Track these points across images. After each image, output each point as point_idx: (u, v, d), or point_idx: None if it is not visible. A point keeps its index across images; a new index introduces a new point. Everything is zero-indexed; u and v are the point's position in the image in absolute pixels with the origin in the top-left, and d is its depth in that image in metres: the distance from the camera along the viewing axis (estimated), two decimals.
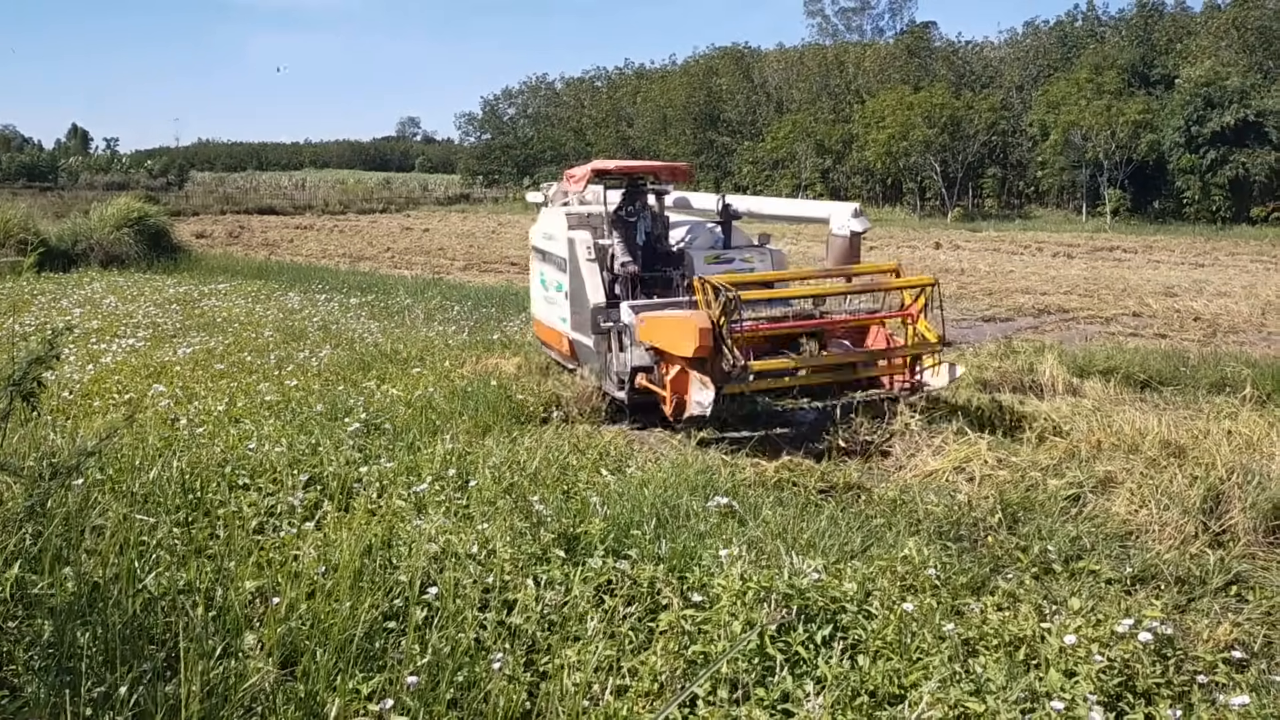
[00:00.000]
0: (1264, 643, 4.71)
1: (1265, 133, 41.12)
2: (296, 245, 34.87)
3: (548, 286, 11.12)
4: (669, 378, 8.73)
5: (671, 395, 8.71)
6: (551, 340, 11.17)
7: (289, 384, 9.75)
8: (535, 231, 11.54)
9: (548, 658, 4.24)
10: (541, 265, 11.25)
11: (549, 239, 10.98)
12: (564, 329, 10.60)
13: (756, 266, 10.69)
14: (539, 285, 11.45)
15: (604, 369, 9.97)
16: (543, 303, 11.35)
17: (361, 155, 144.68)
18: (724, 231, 11.07)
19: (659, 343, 8.83)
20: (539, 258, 11.34)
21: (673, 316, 8.80)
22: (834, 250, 10.98)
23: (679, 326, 8.44)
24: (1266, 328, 15.46)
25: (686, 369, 8.52)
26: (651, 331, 8.91)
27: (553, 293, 10.90)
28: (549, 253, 10.97)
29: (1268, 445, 7.19)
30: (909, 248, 32.07)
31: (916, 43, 63.60)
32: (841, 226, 10.85)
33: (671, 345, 8.56)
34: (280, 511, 5.79)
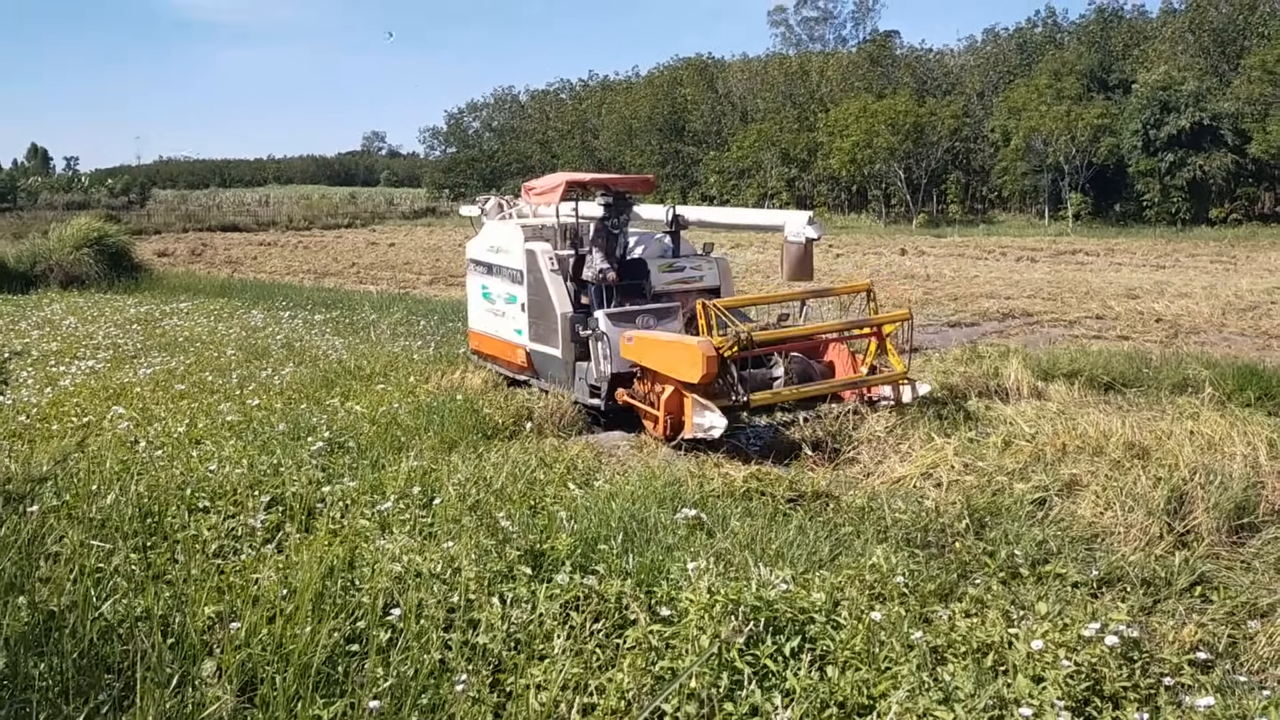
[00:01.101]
0: (1228, 643, 4.74)
1: (1221, 135, 41.77)
2: (260, 262, 34.60)
3: (494, 299, 11.25)
4: (663, 398, 8.76)
5: (664, 415, 8.74)
6: (499, 353, 11.28)
7: (251, 403, 9.63)
8: (476, 244, 11.67)
9: (514, 677, 4.18)
10: (485, 278, 11.39)
11: (497, 251, 11.09)
12: (519, 341, 10.71)
13: (705, 274, 10.95)
14: (481, 299, 11.58)
15: (571, 377, 9.99)
16: (487, 315, 11.45)
17: (326, 170, 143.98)
18: (673, 241, 11.25)
19: (651, 363, 8.87)
20: (481, 270, 11.48)
21: (671, 339, 8.82)
22: (789, 257, 11.07)
23: (682, 351, 8.46)
24: (1227, 328, 15.65)
25: (683, 392, 8.54)
26: (643, 351, 8.95)
27: (502, 305, 11.04)
28: (497, 265, 11.08)
29: (1229, 445, 7.24)
30: (875, 254, 32.26)
31: (879, 51, 64.18)
32: (796, 234, 10.93)
33: (670, 368, 8.60)
34: (241, 534, 5.70)
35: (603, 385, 9.58)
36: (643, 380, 9.26)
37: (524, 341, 10.66)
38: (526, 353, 10.65)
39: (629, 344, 9.11)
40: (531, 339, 10.51)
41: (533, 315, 10.44)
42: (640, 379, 9.28)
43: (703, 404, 8.37)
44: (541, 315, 10.29)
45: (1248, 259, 27.99)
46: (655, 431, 9.03)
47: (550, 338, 10.19)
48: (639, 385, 9.31)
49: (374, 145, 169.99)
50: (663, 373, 8.78)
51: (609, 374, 9.44)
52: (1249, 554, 6.04)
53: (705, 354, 8.22)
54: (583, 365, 9.93)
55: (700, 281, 10.92)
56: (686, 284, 10.82)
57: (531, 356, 10.61)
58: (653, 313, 9.77)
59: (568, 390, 10.04)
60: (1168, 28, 51.18)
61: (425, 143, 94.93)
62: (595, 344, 9.60)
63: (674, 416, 8.73)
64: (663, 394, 8.82)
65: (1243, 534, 6.28)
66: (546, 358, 10.35)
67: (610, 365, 9.41)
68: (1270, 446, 7.17)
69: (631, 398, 9.33)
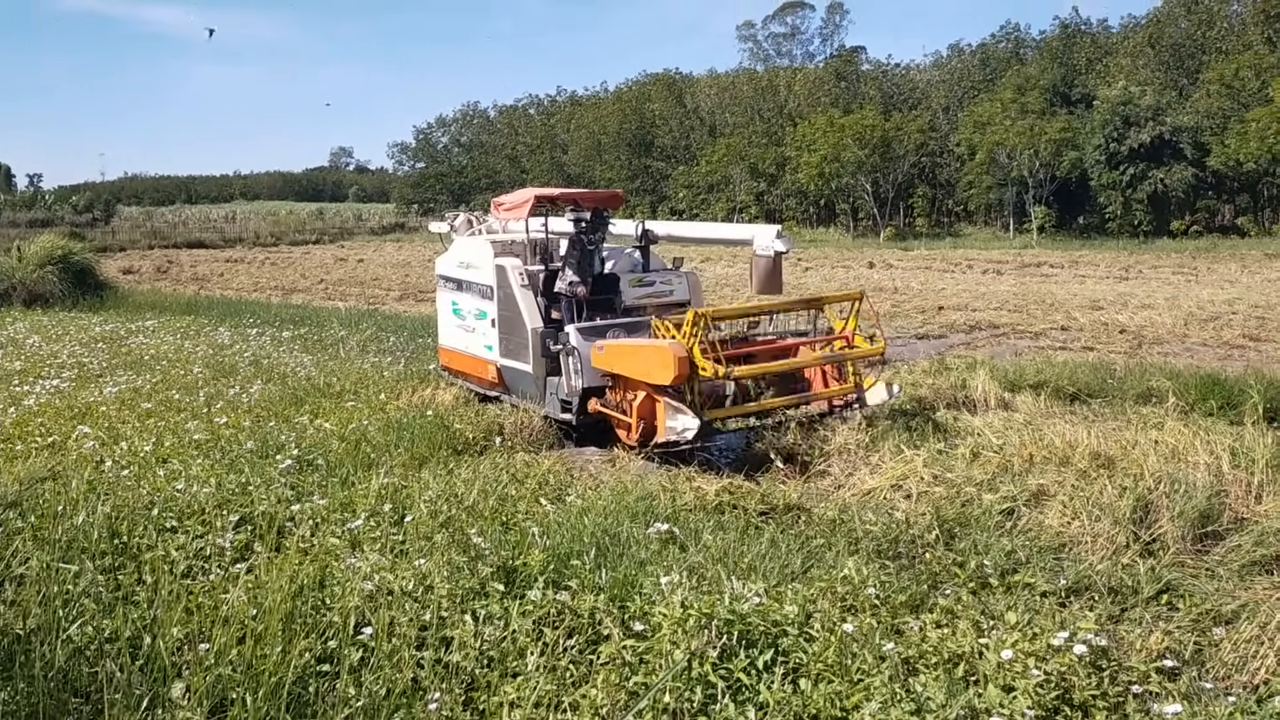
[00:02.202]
0: (1194, 650, 4.80)
1: (1180, 148, 42.45)
2: (227, 279, 34.34)
3: (464, 315, 11.20)
4: (635, 404, 8.80)
5: (637, 421, 8.78)
6: (470, 369, 11.22)
7: (219, 421, 9.54)
8: (446, 260, 11.64)
9: (487, 695, 4.17)
10: (455, 294, 11.36)
11: (467, 267, 11.06)
12: (490, 356, 10.67)
13: (675, 289, 10.99)
14: (451, 315, 11.55)
15: (542, 393, 9.98)
16: (458, 331, 11.40)
17: (294, 186, 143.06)
18: (643, 256, 11.29)
19: (623, 369, 8.91)
20: (451, 287, 11.45)
21: (641, 344, 8.86)
22: (758, 270, 11.11)
23: (653, 354, 8.50)
24: (1189, 338, 15.88)
25: (655, 396, 8.59)
26: (614, 359, 8.96)
27: (472, 321, 11.01)
28: (467, 281, 11.07)
29: (1192, 455, 7.34)
30: (843, 268, 32.48)
31: (846, 67, 64.80)
32: (765, 247, 10.97)
33: (641, 372, 8.65)
34: (209, 554, 5.64)
35: (574, 399, 9.56)
36: (615, 389, 9.27)
37: (494, 357, 10.64)
38: (497, 368, 10.63)
39: (600, 353, 9.10)
40: (502, 354, 10.50)
41: (503, 331, 10.43)
42: (612, 388, 9.29)
43: (675, 406, 8.40)
44: (512, 330, 10.29)
45: (1208, 270, 28.43)
46: (629, 439, 9.02)
47: (521, 353, 10.17)
48: (611, 394, 9.33)
49: (342, 161, 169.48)
50: (634, 378, 8.80)
51: (580, 388, 9.44)
52: (1213, 561, 6.12)
53: (676, 355, 8.26)
54: (554, 380, 9.89)
55: (670, 296, 10.95)
56: (657, 299, 10.83)
57: (502, 372, 10.59)
58: (623, 327, 9.75)
59: (539, 405, 10.02)
60: (1128, 42, 51.99)
61: (394, 158, 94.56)
62: (566, 358, 9.58)
63: (647, 422, 8.74)
64: (635, 400, 8.83)
65: (1207, 542, 6.37)
66: (517, 373, 10.33)
67: (581, 379, 9.41)
68: (1233, 455, 7.28)
69: (604, 407, 9.34)
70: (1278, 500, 6.74)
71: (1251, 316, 17.78)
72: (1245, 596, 5.44)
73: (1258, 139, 37.78)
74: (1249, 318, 17.65)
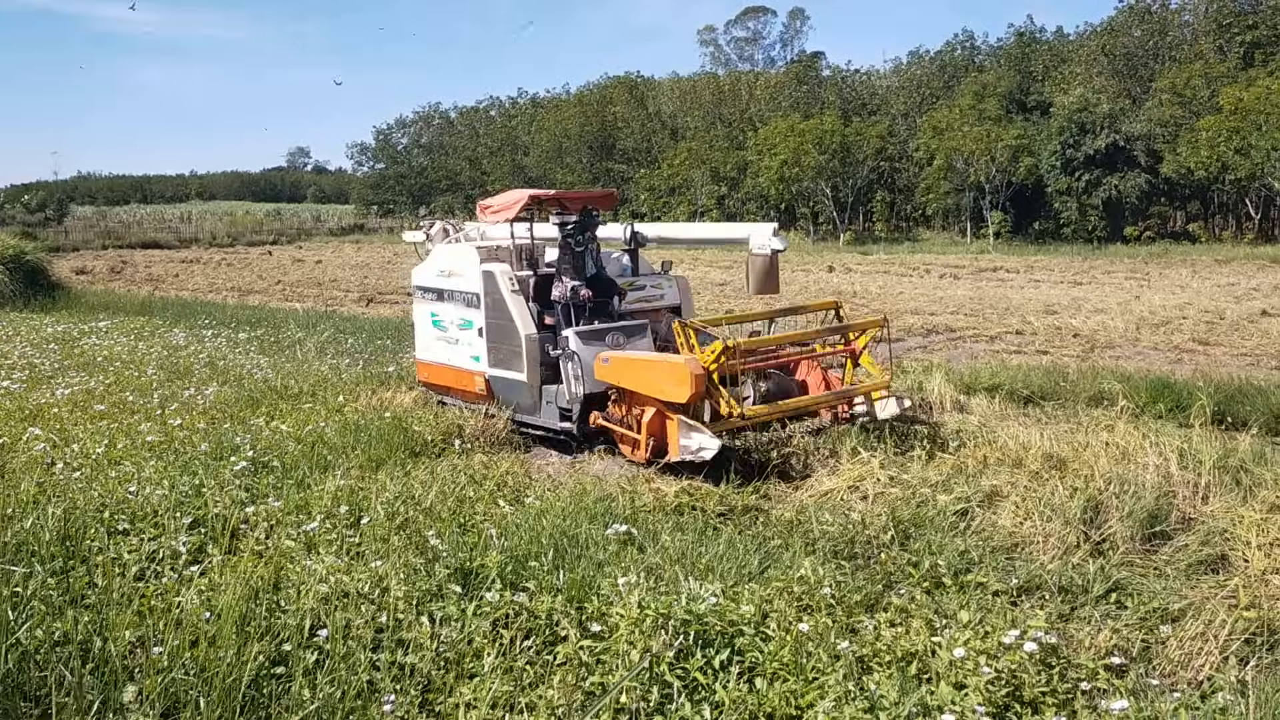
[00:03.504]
0: (1142, 647, 4.89)
1: (1134, 156, 43.14)
2: (182, 280, 33.94)
3: (446, 326, 10.79)
4: (644, 420, 8.44)
5: (647, 438, 8.41)
6: (454, 383, 10.79)
7: (173, 423, 9.43)
8: (424, 271, 11.20)
9: (443, 697, 4.16)
10: (435, 305, 10.94)
11: (449, 275, 10.64)
12: (477, 368, 10.26)
13: (665, 293, 10.74)
14: (430, 326, 11.08)
15: (538, 403, 9.65)
16: (439, 344, 10.95)
17: (251, 186, 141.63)
18: (632, 260, 10.99)
19: (631, 384, 8.54)
20: (430, 298, 11.02)
21: (654, 359, 8.53)
22: (755, 270, 10.66)
23: (667, 370, 8.17)
24: (1140, 342, 16.15)
25: (667, 413, 8.24)
26: (621, 372, 8.61)
27: (455, 331, 10.58)
28: (449, 290, 10.64)
29: (1142, 456, 7.47)
30: (803, 271, 32.67)
31: (806, 72, 65.17)
32: (761, 246, 10.50)
33: (653, 389, 8.29)
34: (162, 557, 5.57)
35: (575, 407, 9.15)
36: (619, 403, 8.87)
37: (482, 368, 10.20)
38: (486, 380, 10.20)
39: (604, 365, 8.73)
40: (491, 365, 10.08)
41: (492, 340, 10.03)
42: (616, 401, 8.90)
43: (690, 424, 8.04)
44: (502, 339, 9.89)
45: (1160, 275, 28.92)
46: (635, 456, 8.65)
47: (513, 362, 9.78)
48: (614, 408, 8.92)
49: (300, 161, 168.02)
50: (645, 394, 8.42)
51: (581, 395, 9.04)
52: (1161, 561, 6.24)
53: (694, 372, 7.93)
54: (550, 389, 9.56)
55: (661, 300, 10.70)
56: (648, 303, 10.55)
57: (492, 383, 10.17)
58: (622, 330, 9.44)
59: (534, 417, 9.70)
60: (1083, 50, 52.76)
61: (353, 159, 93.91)
62: (565, 364, 9.21)
63: (657, 439, 8.40)
64: (643, 416, 8.47)
65: (1155, 541, 6.49)
66: (509, 383, 9.92)
67: (583, 386, 9.02)
68: (1181, 457, 7.41)
69: (607, 421, 8.93)
70: (1224, 501, 6.87)
71: (1201, 321, 18.11)
72: (1191, 595, 5.56)
73: (1208, 147, 38.50)
74: (1199, 322, 17.97)
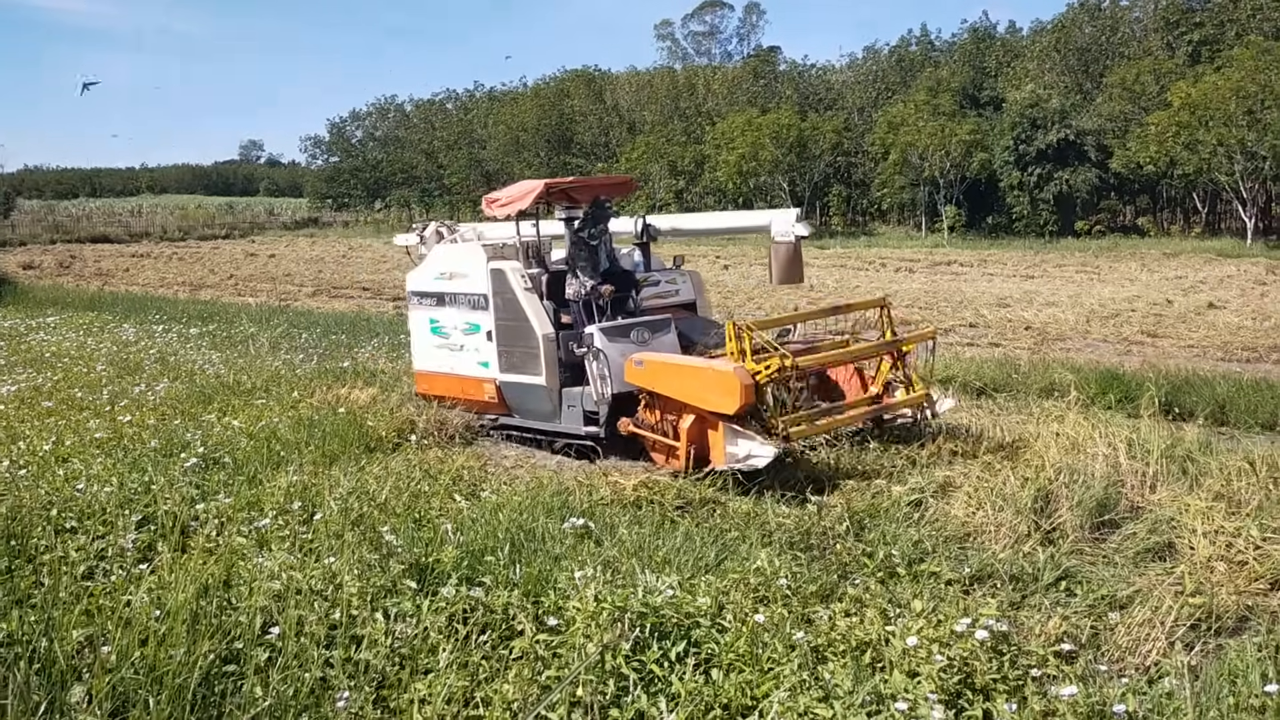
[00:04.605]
0: (1091, 634, 4.97)
1: (1085, 151, 43.72)
2: (132, 274, 33.45)
3: (448, 333, 10.09)
4: (682, 427, 7.97)
5: (687, 446, 7.94)
6: (459, 392, 10.09)
7: (122, 420, 9.28)
8: (420, 275, 10.47)
9: (397, 693, 4.13)
10: (434, 310, 10.23)
11: (451, 277, 9.98)
12: (487, 374, 9.66)
13: (680, 289, 10.37)
14: (429, 334, 10.34)
15: (558, 408, 9.13)
16: (441, 352, 10.23)
17: (203, 180, 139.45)
18: (644, 254, 10.56)
19: (670, 390, 8.04)
20: (429, 303, 10.30)
21: (697, 364, 8.01)
22: (778, 258, 10.26)
23: (713, 378, 7.67)
24: (1090, 334, 16.40)
25: (711, 421, 7.79)
26: (657, 377, 8.12)
27: (459, 336, 9.93)
28: (451, 294, 9.98)
29: (1091, 446, 7.58)
30: (760, 265, 32.78)
31: (763, 66, 65.40)
32: (784, 233, 10.14)
33: (697, 397, 7.80)
34: (110, 555, 5.51)
35: (603, 409, 8.62)
36: (651, 408, 8.35)
37: (492, 374, 9.57)
38: (497, 386, 9.58)
39: (638, 369, 8.20)
40: (503, 370, 9.46)
41: (504, 343, 9.40)
42: (648, 406, 8.37)
43: (738, 431, 7.59)
44: (516, 341, 9.28)
45: (1110, 269, 29.36)
46: (670, 464, 8.13)
47: (529, 365, 9.17)
48: (646, 413, 8.40)
49: (252, 154, 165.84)
50: (688, 402, 7.91)
51: (610, 395, 8.50)
52: (1110, 549, 6.34)
53: (744, 382, 7.43)
54: (572, 391, 9.03)
55: (676, 296, 10.27)
56: (662, 299, 10.13)
57: (504, 390, 9.56)
58: (647, 325, 8.98)
59: (553, 424, 9.24)
60: (1035, 46, 53.38)
61: (307, 152, 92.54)
62: (591, 363, 8.62)
63: (699, 446, 7.93)
64: (680, 423, 8.01)
65: (1104, 530, 6.60)
66: (524, 389, 9.34)
67: (611, 385, 8.48)
68: (1129, 447, 7.54)
69: (637, 427, 8.43)
70: (1171, 490, 7.00)
71: (1150, 314, 18.43)
72: (1139, 582, 5.65)
73: (1156, 142, 39.10)
74: (1147, 315, 18.28)
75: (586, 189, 10.10)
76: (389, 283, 29.10)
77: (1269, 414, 9.80)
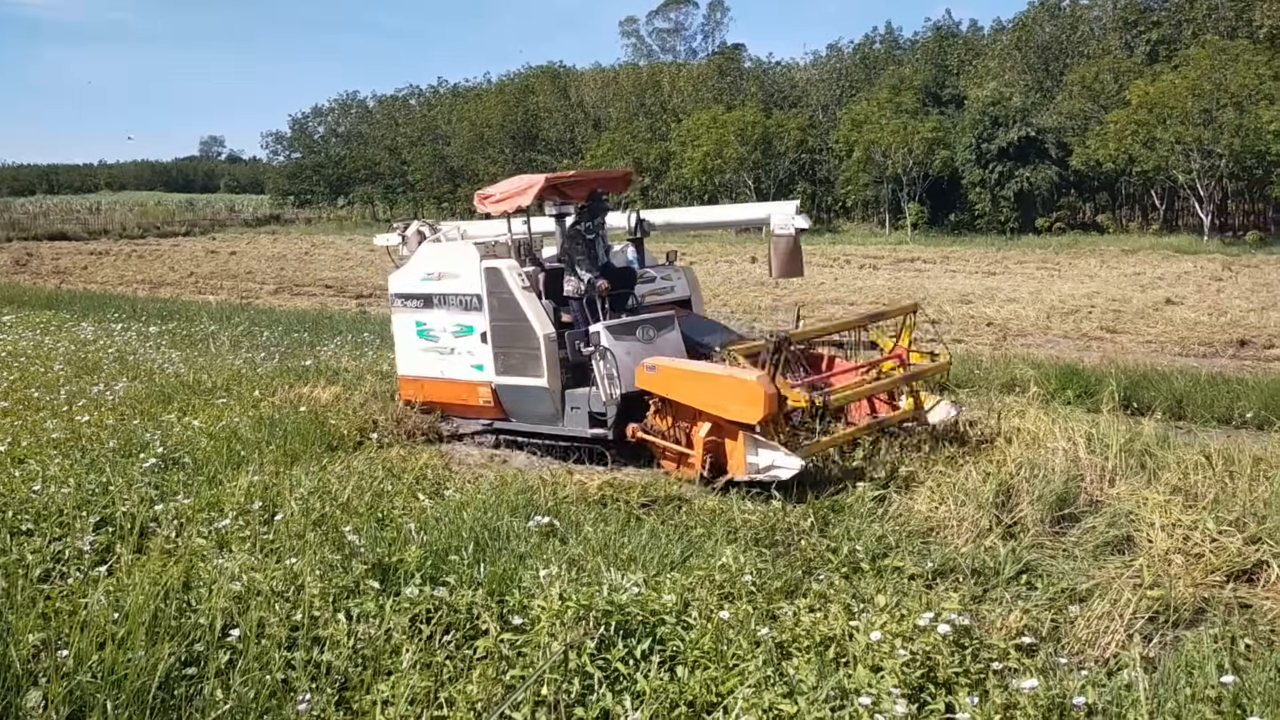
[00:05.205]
0: (1051, 627, 5.03)
1: (1045, 149, 44.19)
2: (91, 272, 32.99)
3: (436, 336, 9.76)
4: (698, 434, 7.76)
5: (703, 455, 7.72)
6: (450, 397, 9.79)
7: (80, 420, 9.14)
8: (405, 276, 10.11)
9: (360, 694, 4.10)
10: (421, 313, 9.88)
11: (440, 278, 9.64)
12: (480, 378, 9.35)
13: (675, 285, 10.25)
14: (415, 338, 9.98)
15: (561, 410, 8.87)
16: (428, 356, 9.88)
17: (163, 176, 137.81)
18: (638, 250, 10.36)
19: (686, 397, 7.83)
20: (414, 305, 9.93)
21: (716, 371, 7.80)
22: (778, 252, 10.03)
23: (733, 387, 7.46)
24: (1051, 330, 16.59)
25: (729, 429, 7.60)
26: (672, 383, 7.90)
27: (450, 339, 9.60)
28: (440, 295, 9.64)
29: (1051, 441, 7.68)
30: (726, 262, 32.90)
31: (727, 63, 65.52)
32: (784, 226, 9.89)
33: (716, 406, 7.59)
34: (68, 557, 5.43)
35: (611, 410, 8.36)
36: (661, 414, 8.12)
37: (488, 378, 9.26)
38: (493, 390, 9.26)
39: (650, 373, 7.99)
40: (499, 373, 9.14)
41: (499, 344, 9.09)
42: (659, 412, 8.13)
43: (760, 440, 7.38)
44: (514, 342, 8.97)
45: (1070, 265, 29.69)
46: (684, 473, 7.92)
47: (528, 366, 8.87)
48: (656, 419, 8.16)
49: (213, 150, 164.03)
50: (705, 410, 7.69)
51: (618, 395, 8.25)
52: (1069, 542, 6.42)
53: (767, 392, 7.23)
54: (575, 393, 8.76)
55: (671, 293, 10.13)
56: (657, 295, 9.95)
57: (500, 394, 9.24)
58: (651, 323, 8.79)
59: (555, 427, 8.97)
60: (996, 45, 53.87)
61: (268, 148, 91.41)
62: (597, 362, 8.36)
63: (715, 455, 7.73)
64: (695, 430, 7.79)
65: (1064, 524, 6.68)
66: (523, 392, 9.02)
67: (619, 385, 8.22)
68: (1089, 441, 7.64)
69: (646, 433, 8.21)
70: (1129, 484, 7.10)
71: (1109, 310, 18.66)
72: (1098, 575, 5.73)
73: (1115, 140, 39.57)
74: (1106, 311, 18.51)
75: (582, 184, 9.91)
76: (352, 280, 28.89)
77: (1225, 408, 9.95)
